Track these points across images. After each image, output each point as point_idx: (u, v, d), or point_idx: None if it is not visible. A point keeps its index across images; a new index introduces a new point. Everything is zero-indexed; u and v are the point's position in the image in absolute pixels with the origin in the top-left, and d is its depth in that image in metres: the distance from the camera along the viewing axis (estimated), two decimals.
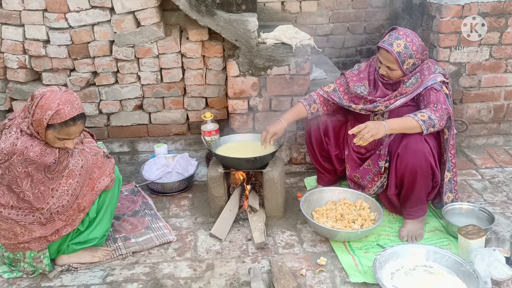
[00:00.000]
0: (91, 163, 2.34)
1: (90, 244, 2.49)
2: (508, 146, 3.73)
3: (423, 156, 2.50)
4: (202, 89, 3.58)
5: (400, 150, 2.54)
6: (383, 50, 2.58)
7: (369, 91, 2.78)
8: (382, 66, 2.63)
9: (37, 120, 2.15)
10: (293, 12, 4.34)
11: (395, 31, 2.59)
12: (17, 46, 3.34)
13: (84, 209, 2.37)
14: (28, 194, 2.22)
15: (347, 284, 2.34)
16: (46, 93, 2.16)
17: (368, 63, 2.86)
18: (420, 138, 2.51)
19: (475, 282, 2.18)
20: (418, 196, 2.61)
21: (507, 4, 3.36)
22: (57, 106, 2.13)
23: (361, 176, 2.87)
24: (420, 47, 2.57)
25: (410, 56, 2.54)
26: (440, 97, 2.55)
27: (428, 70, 2.64)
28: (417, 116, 2.49)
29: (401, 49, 2.52)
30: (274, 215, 2.87)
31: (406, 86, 2.64)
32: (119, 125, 3.65)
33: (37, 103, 2.14)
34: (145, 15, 3.29)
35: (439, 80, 2.59)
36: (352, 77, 2.85)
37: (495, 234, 2.65)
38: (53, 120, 2.13)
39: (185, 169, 3.37)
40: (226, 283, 2.36)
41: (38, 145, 2.18)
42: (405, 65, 2.56)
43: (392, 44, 2.53)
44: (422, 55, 2.59)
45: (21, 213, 2.27)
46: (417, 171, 2.51)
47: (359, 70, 2.87)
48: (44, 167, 2.19)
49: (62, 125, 2.16)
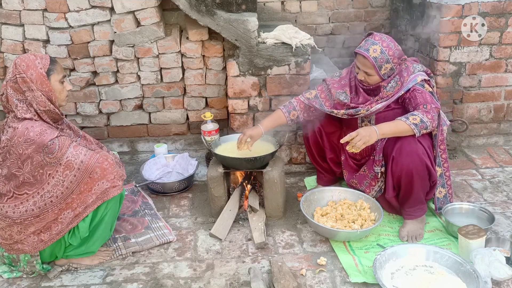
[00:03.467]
0: (93, 161, 2.30)
1: (89, 255, 2.51)
2: (508, 146, 3.73)
3: (418, 157, 2.51)
4: (202, 89, 3.58)
5: (394, 153, 2.55)
6: (360, 55, 2.58)
7: (351, 97, 2.78)
8: (360, 72, 2.64)
9: (37, 78, 2.24)
10: (293, 12, 4.34)
11: (371, 36, 2.60)
12: (17, 46, 3.34)
13: (75, 209, 2.31)
14: (28, 177, 2.24)
15: (347, 284, 2.34)
16: (16, 61, 2.27)
17: (349, 70, 2.85)
18: (413, 139, 2.52)
19: (475, 282, 2.18)
20: (416, 196, 2.61)
21: (507, 4, 3.36)
22: (33, 56, 2.29)
23: (358, 181, 2.88)
24: (397, 52, 2.57)
25: (386, 61, 2.54)
26: (427, 97, 2.56)
27: (407, 71, 2.63)
28: (409, 119, 2.50)
29: (377, 54, 2.53)
30: (274, 215, 2.87)
31: (386, 90, 2.64)
32: (119, 125, 3.65)
33: (23, 69, 2.24)
34: (145, 15, 3.30)
35: (419, 80, 2.59)
36: (333, 84, 2.84)
37: (495, 234, 2.65)
38: (44, 64, 2.28)
39: (185, 169, 3.37)
40: (226, 283, 2.36)
41: (39, 126, 2.24)
42: (382, 70, 2.56)
43: (368, 49, 2.54)
44: (400, 59, 2.60)
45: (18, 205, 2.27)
46: (413, 172, 2.52)
47: (340, 77, 2.86)
48: (43, 147, 2.21)
49: (54, 63, 2.33)
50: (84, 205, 2.32)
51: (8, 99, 2.27)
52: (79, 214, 2.33)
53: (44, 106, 2.27)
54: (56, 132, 2.28)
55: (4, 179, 2.29)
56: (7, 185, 2.28)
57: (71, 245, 2.42)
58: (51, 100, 2.30)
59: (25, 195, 2.27)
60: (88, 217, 2.36)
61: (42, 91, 2.26)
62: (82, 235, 2.37)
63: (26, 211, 2.27)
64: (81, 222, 2.35)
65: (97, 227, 2.42)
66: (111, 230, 2.54)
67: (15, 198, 2.27)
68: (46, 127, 2.26)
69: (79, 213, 2.33)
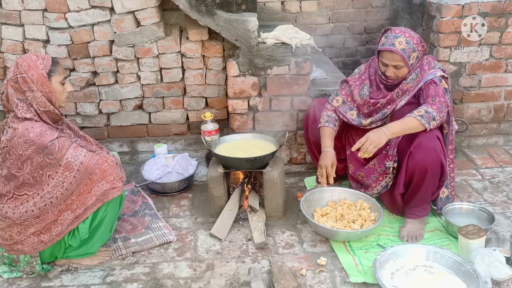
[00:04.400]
0: (93, 163, 2.30)
1: (89, 255, 2.51)
2: (508, 146, 3.73)
3: (435, 154, 2.50)
4: (202, 89, 3.58)
5: (412, 148, 2.53)
6: (386, 52, 2.58)
7: (371, 91, 2.79)
8: (388, 69, 2.62)
9: (38, 79, 2.24)
10: (293, 12, 4.34)
11: (390, 31, 2.60)
12: (17, 46, 3.34)
13: (75, 210, 2.31)
14: (28, 177, 2.24)
15: (347, 284, 2.34)
16: (18, 61, 2.26)
17: (367, 64, 2.87)
18: (432, 135, 2.52)
19: (475, 282, 2.18)
20: (424, 194, 2.61)
21: (507, 4, 3.36)
22: (35, 57, 2.28)
23: (365, 175, 2.86)
24: (419, 39, 2.60)
25: (413, 50, 2.56)
26: (439, 91, 2.56)
27: (428, 65, 2.65)
28: (414, 113, 2.50)
29: (404, 45, 2.54)
30: (274, 215, 2.87)
31: (407, 82, 2.65)
32: (119, 125, 3.65)
33: (24, 69, 2.24)
34: (145, 15, 3.29)
35: (438, 75, 2.61)
36: (355, 83, 2.86)
37: (495, 234, 2.65)
38: (46, 65, 2.28)
39: (185, 169, 3.37)
40: (226, 283, 2.36)
41: (39, 127, 2.24)
42: (411, 59, 2.57)
43: (394, 43, 2.54)
44: (423, 46, 2.62)
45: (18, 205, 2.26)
46: (428, 169, 2.51)
47: (360, 73, 2.88)
48: (42, 148, 2.21)
49: (55, 64, 2.32)
50: (84, 207, 2.32)
51: (9, 99, 2.27)
52: (79, 216, 2.33)
53: (44, 107, 2.27)
54: (56, 133, 2.28)
55: (3, 179, 2.29)
56: (7, 186, 2.28)
57: (71, 246, 2.42)
58: (51, 101, 2.29)
59: (25, 196, 2.27)
60: (88, 218, 2.35)
61: (43, 92, 2.26)
62: (82, 236, 2.37)
63: (26, 211, 2.27)
64: (81, 224, 2.35)
65: (97, 229, 2.42)
66: (111, 231, 2.54)
67: (15, 198, 2.27)
68: (46, 128, 2.26)
69: (79, 215, 2.33)
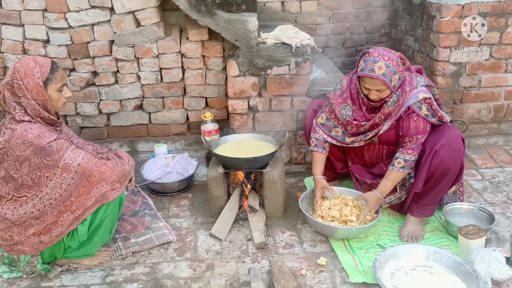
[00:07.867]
0: (91, 165, 2.29)
1: (89, 256, 2.51)
2: (508, 146, 3.73)
3: (459, 156, 2.55)
4: (202, 89, 3.58)
5: (438, 147, 2.53)
6: (366, 78, 2.51)
7: (353, 109, 2.72)
8: (370, 92, 2.55)
9: (33, 88, 2.21)
10: (293, 12, 4.34)
11: (368, 55, 2.51)
12: (17, 46, 3.34)
13: (75, 211, 2.31)
14: (26, 179, 2.23)
15: (347, 284, 2.34)
16: (16, 66, 2.23)
17: (349, 80, 2.78)
18: (457, 136, 2.55)
19: (475, 282, 2.18)
20: (437, 195, 2.64)
21: (507, 4, 3.36)
22: (34, 63, 2.24)
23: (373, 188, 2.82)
24: (399, 59, 2.53)
25: (394, 72, 2.48)
26: (419, 124, 2.56)
27: (410, 85, 2.57)
28: (395, 167, 2.58)
29: (384, 70, 2.45)
30: (274, 215, 2.87)
31: (388, 105, 2.59)
32: (119, 125, 3.65)
33: (20, 76, 2.21)
34: (145, 15, 3.29)
35: (420, 98, 2.54)
36: (336, 100, 2.77)
37: (495, 234, 2.65)
38: (43, 73, 2.23)
39: (185, 169, 3.37)
40: (226, 283, 2.36)
41: (37, 128, 2.23)
42: (393, 82, 2.50)
43: (373, 69, 2.46)
44: (403, 63, 2.58)
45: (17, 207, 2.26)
46: (451, 169, 2.53)
47: (342, 90, 2.79)
48: (40, 149, 2.20)
49: (54, 71, 2.27)
50: (83, 208, 2.32)
51: (6, 101, 2.26)
52: (79, 217, 2.33)
53: (38, 114, 2.26)
54: (54, 135, 2.27)
55: (2, 181, 2.28)
56: (5, 187, 2.27)
57: (70, 247, 2.42)
58: (46, 109, 2.28)
59: (24, 198, 2.27)
60: (87, 220, 2.35)
61: (37, 100, 2.24)
62: (80, 238, 2.37)
63: (25, 213, 2.27)
64: (80, 226, 2.35)
65: (96, 231, 2.41)
66: (111, 233, 2.54)
67: (14, 200, 2.27)
68: (45, 129, 2.25)
69: (78, 216, 2.32)
